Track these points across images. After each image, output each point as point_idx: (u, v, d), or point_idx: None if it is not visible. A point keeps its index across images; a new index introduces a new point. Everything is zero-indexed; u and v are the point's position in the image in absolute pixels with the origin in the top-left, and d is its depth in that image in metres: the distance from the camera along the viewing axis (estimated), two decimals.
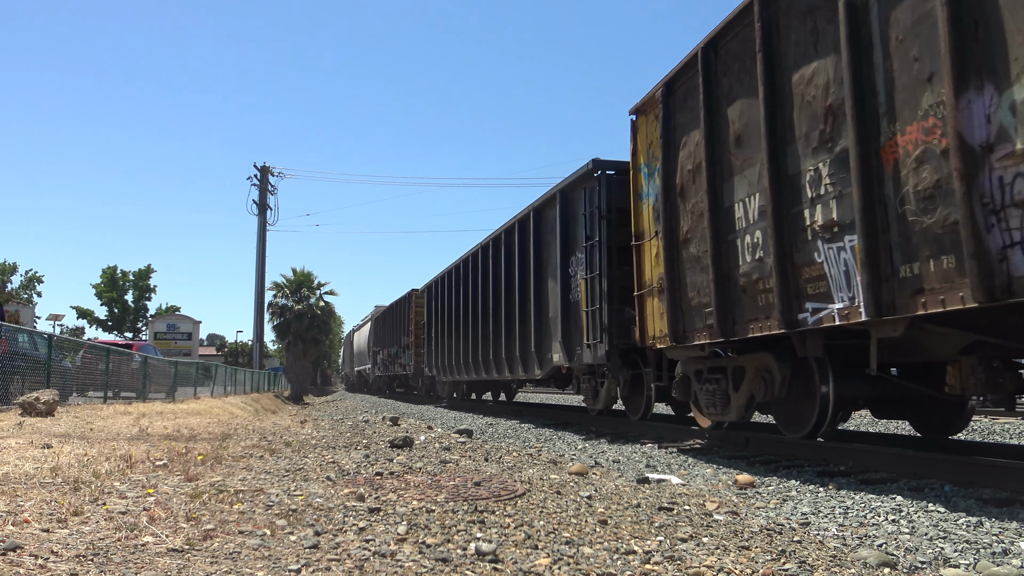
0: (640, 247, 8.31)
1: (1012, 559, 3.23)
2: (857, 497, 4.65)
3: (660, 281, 7.68)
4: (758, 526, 3.80)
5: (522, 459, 6.86)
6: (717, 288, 6.55)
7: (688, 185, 7.17)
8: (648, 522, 3.86)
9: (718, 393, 7.30)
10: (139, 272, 59.53)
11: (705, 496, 4.82)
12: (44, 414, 9.66)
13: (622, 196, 9.08)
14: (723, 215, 6.57)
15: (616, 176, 9.67)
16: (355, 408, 20.83)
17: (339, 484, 4.95)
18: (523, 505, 4.29)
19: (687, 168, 7.19)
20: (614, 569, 2.93)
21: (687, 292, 7.23)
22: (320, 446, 7.78)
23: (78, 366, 15.35)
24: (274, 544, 3.18)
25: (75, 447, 6.34)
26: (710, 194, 6.66)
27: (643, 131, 8.32)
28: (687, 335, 7.28)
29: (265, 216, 35.96)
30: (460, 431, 10.33)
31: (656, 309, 7.89)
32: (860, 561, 3.13)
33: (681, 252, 7.33)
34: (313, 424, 12.59)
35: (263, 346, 39.72)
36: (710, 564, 3.02)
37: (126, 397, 16.32)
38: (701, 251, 6.90)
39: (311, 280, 34.65)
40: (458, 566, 2.93)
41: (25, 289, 53.50)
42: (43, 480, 4.59)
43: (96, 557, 2.87)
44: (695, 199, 7.03)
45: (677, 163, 7.38)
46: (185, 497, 4.19)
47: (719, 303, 6.54)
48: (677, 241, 7.39)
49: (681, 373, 8.07)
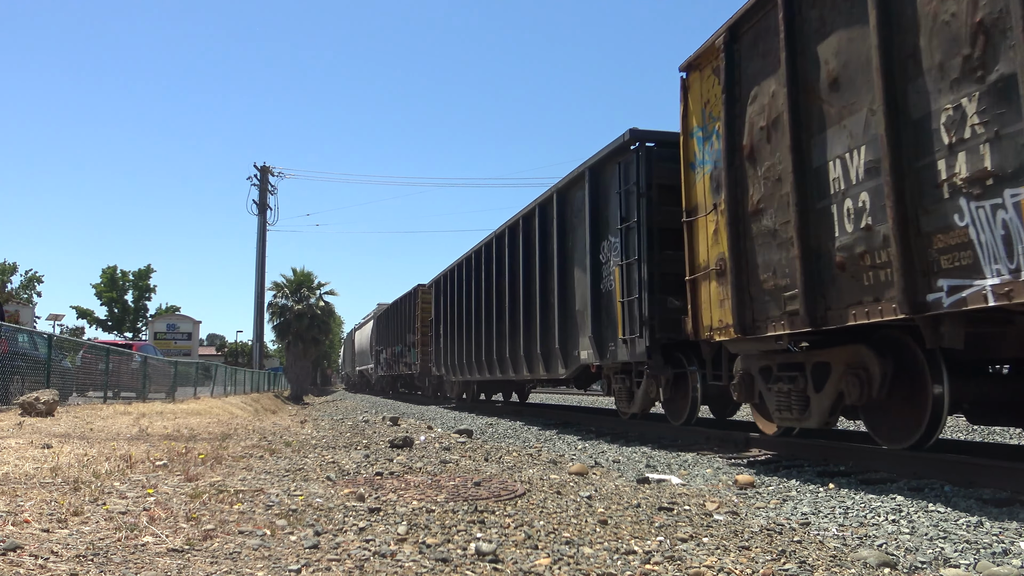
0: (692, 224, 7.26)
1: (1012, 559, 3.23)
2: (857, 497, 4.65)
3: (719, 263, 6.70)
4: (758, 526, 3.80)
5: (522, 459, 6.86)
6: (804, 266, 5.51)
7: (760, 146, 6.14)
8: (648, 522, 3.86)
9: (794, 394, 6.23)
10: (139, 272, 59.55)
11: (705, 496, 4.82)
12: (44, 414, 9.66)
13: (665, 170, 8.22)
14: (812, 177, 5.52)
15: (657, 148, 8.56)
16: (355, 408, 20.83)
17: (339, 484, 4.95)
18: (523, 505, 4.29)
19: (758, 125, 6.14)
20: (614, 569, 2.93)
21: (757, 273, 6.19)
22: (320, 446, 7.78)
23: (78, 366, 15.36)
24: (274, 544, 3.18)
25: (75, 447, 6.34)
26: (794, 152, 5.61)
27: (697, 89, 7.23)
28: (757, 325, 6.22)
29: (265, 216, 35.97)
30: (460, 431, 10.33)
31: (714, 295, 6.87)
32: (860, 561, 3.13)
33: (750, 226, 6.26)
34: (313, 424, 12.59)
35: (263, 346, 39.74)
36: (710, 564, 3.02)
37: (126, 397, 16.32)
38: (778, 223, 5.89)
39: (311, 280, 34.63)
40: (458, 566, 2.93)
41: (25, 289, 53.51)
42: (43, 480, 4.59)
43: (96, 557, 2.87)
44: (770, 161, 5.99)
45: (744, 121, 6.35)
46: (185, 497, 4.19)
47: (807, 285, 5.48)
48: (744, 213, 6.34)
49: (742, 370, 6.93)
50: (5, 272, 52.00)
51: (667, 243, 8.26)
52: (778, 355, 6.50)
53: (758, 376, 6.76)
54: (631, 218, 8.60)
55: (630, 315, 8.62)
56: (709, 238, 6.97)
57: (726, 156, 6.51)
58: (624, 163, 8.84)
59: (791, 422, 6.47)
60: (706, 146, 7.06)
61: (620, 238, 8.83)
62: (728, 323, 6.59)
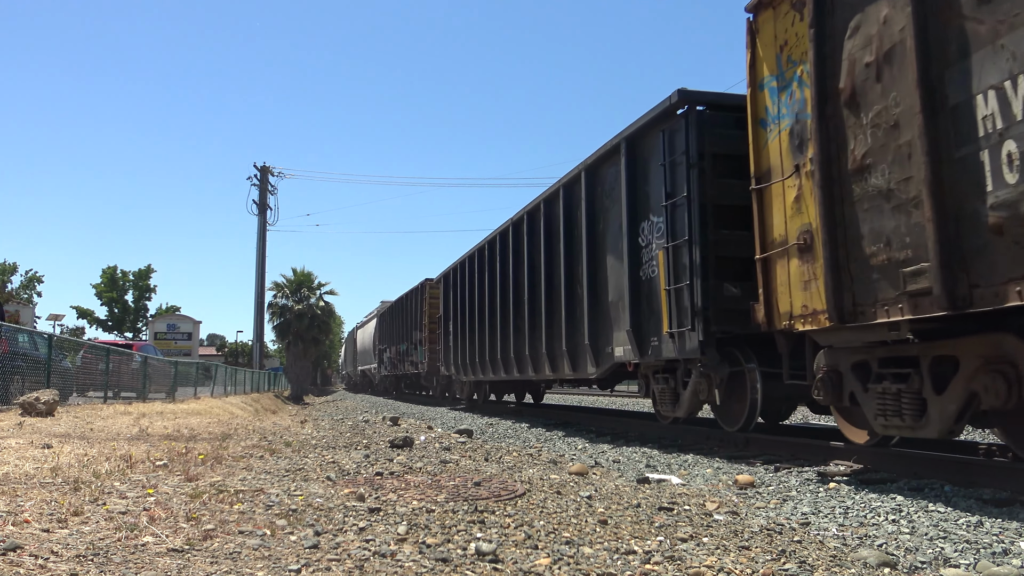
0: (764, 193, 6.19)
1: (1012, 559, 3.23)
2: (857, 497, 4.65)
3: (803, 236, 5.62)
4: (758, 526, 3.80)
5: (522, 459, 6.86)
6: (939, 232, 4.40)
7: (865, 87, 5.04)
8: (648, 522, 3.86)
9: (906, 397, 5.03)
10: (139, 272, 59.56)
11: (705, 496, 4.82)
12: (44, 414, 9.66)
13: (719, 137, 7.29)
14: (948, 118, 4.42)
15: (710, 112, 7.48)
16: (355, 408, 20.83)
17: (339, 484, 4.95)
18: (523, 505, 4.29)
19: (863, 62, 5.05)
20: (614, 569, 2.93)
21: (861, 246, 5.05)
22: (320, 446, 7.78)
23: (78, 366, 15.36)
24: (274, 544, 3.18)
25: (75, 447, 6.34)
26: (922, 88, 4.50)
27: (769, 31, 6.18)
28: (860, 310, 5.08)
29: (265, 216, 36.01)
30: (460, 431, 10.33)
31: (795, 276, 5.77)
32: (860, 561, 3.13)
33: (850, 187, 5.13)
34: (313, 424, 12.59)
35: (263, 346, 39.76)
36: (710, 564, 3.02)
37: (126, 397, 16.33)
38: (895, 180, 4.79)
39: (311, 280, 34.66)
40: (458, 566, 2.93)
41: (25, 289, 53.51)
42: (43, 480, 4.59)
43: (96, 557, 2.87)
44: (881, 105, 4.91)
45: (841, 59, 5.26)
46: (185, 497, 4.20)
47: (943, 256, 4.37)
48: (842, 173, 5.22)
49: (826, 367, 5.73)
50: (5, 272, 52.01)
51: (723, 221, 7.25)
52: (878, 348, 5.30)
53: (849, 374, 5.53)
54: (678, 193, 7.50)
55: (678, 305, 7.55)
56: (788, 207, 5.89)
57: (816, 104, 5.38)
58: (669, 131, 7.73)
59: (900, 431, 5.20)
60: (783, 98, 6.01)
61: (665, 217, 7.72)
62: (817, 309, 5.48)
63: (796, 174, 5.79)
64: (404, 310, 26.94)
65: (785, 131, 5.98)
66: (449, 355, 18.68)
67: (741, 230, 6.94)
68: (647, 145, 8.40)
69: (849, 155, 5.17)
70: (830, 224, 5.26)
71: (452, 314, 18.25)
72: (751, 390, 7.31)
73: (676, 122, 7.63)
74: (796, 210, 5.80)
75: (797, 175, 5.78)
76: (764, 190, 6.24)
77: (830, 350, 5.77)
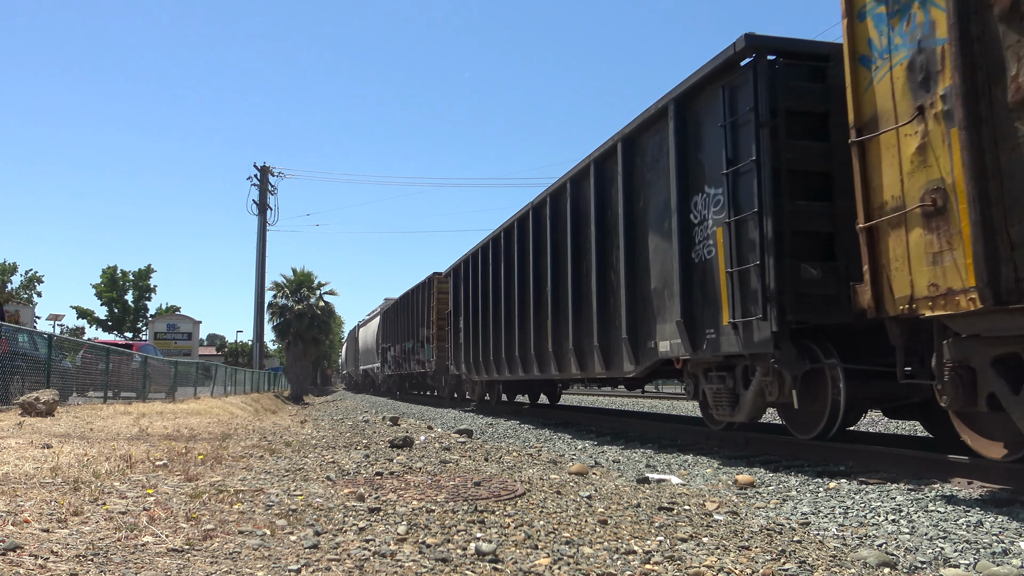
0: (869, 146, 5.12)
1: (1012, 559, 3.23)
2: (857, 497, 4.65)
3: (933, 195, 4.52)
4: (758, 526, 3.80)
5: (522, 459, 6.86)
6: None
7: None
8: (648, 522, 3.86)
9: None
10: (139, 272, 59.57)
11: (705, 496, 4.82)
12: (44, 414, 9.66)
13: (795, 91, 6.31)
14: None
15: (784, 62, 6.40)
16: (355, 408, 20.84)
17: (339, 484, 4.95)
18: (523, 505, 4.29)
19: None
20: (614, 569, 2.93)
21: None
22: (320, 446, 7.78)
23: (78, 366, 15.36)
24: (274, 544, 3.18)
25: (75, 447, 6.34)
26: None
27: None
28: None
29: (265, 216, 36.01)
30: (460, 431, 10.33)
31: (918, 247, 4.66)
32: (860, 561, 3.13)
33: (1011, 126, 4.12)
34: (313, 424, 12.59)
35: (263, 346, 39.75)
36: (710, 564, 3.02)
37: (126, 397, 16.33)
38: None
39: (311, 280, 34.68)
40: (458, 566, 2.93)
41: (25, 289, 53.52)
42: (43, 480, 4.59)
43: (96, 557, 2.87)
44: None
45: None
46: (185, 497, 4.19)
47: None
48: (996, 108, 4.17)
49: (954, 362, 4.63)
50: (5, 272, 52.02)
51: (799, 190, 6.23)
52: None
53: (989, 371, 4.47)
54: (744, 158, 6.46)
55: (743, 290, 6.52)
56: (905, 161, 4.84)
57: (956, 23, 4.31)
58: (732, 86, 6.69)
59: None
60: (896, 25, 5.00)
61: (726, 187, 6.69)
62: (953, 288, 4.40)
63: (919, 118, 4.70)
64: (410, 306, 25.60)
65: (900, 66, 4.91)
66: (460, 353, 17.50)
67: (820, 200, 6.19)
68: (702, 105, 7.27)
69: (1009, 84, 4.11)
70: (978, 176, 4.16)
71: (463, 309, 17.05)
72: (832, 391, 6.24)
73: (741, 75, 6.56)
74: (919, 164, 4.70)
75: (921, 119, 4.68)
76: (868, 143, 5.12)
77: (958, 342, 4.68)
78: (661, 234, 7.99)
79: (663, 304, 7.95)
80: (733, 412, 7.25)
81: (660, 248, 8.03)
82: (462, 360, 17.24)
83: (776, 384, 6.48)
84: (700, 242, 7.26)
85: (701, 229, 7.25)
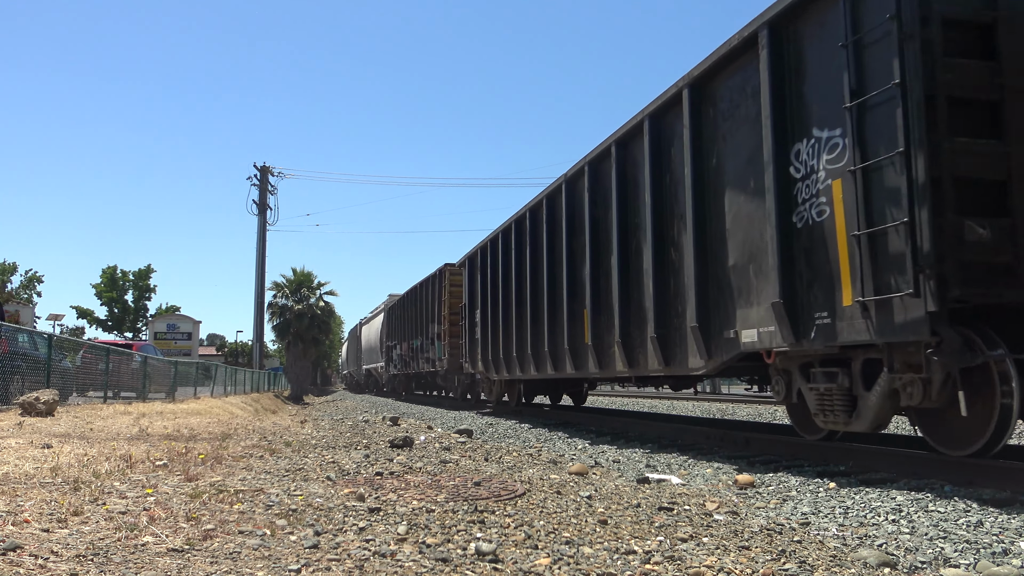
0: None
1: (1012, 559, 3.23)
2: (857, 497, 4.65)
3: None
4: (758, 526, 3.80)
5: (522, 459, 6.86)
6: None
7: None
8: (648, 522, 3.86)
9: None
10: (139, 272, 59.56)
11: (705, 496, 4.82)
12: (44, 414, 9.66)
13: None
14: None
15: None
16: (355, 408, 20.84)
17: (339, 484, 4.95)
18: (523, 505, 4.29)
19: None
20: (614, 569, 2.93)
21: None
22: (320, 446, 7.78)
23: (78, 366, 15.36)
24: (274, 544, 3.18)
25: (75, 447, 6.34)
26: None
27: None
28: None
29: (265, 216, 36.00)
30: (460, 431, 10.33)
31: None
32: (860, 561, 3.13)
33: None
34: (313, 424, 12.59)
35: (263, 346, 39.75)
36: (710, 564, 3.02)
37: (126, 397, 16.33)
38: None
39: (311, 280, 34.70)
40: (458, 566, 2.93)
41: (25, 289, 53.50)
42: (43, 480, 4.59)
43: (96, 557, 2.87)
44: None
45: None
46: (185, 497, 4.19)
47: None
48: None
49: None
50: (5, 272, 52.01)
51: (961, 124, 4.82)
52: None
53: None
54: (878, 85, 5.05)
55: (877, 258, 5.09)
56: None
57: None
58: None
59: None
60: None
61: (847, 127, 5.28)
62: None
63: None
64: (418, 301, 23.84)
65: None
66: (476, 350, 15.90)
67: (988, 138, 4.85)
68: (807, 26, 5.84)
69: None
70: None
71: (480, 302, 15.47)
72: (1000, 392, 4.81)
73: None
74: None
75: None
76: None
77: None
78: (745, 197, 6.50)
79: (747, 284, 6.47)
80: (849, 419, 5.72)
81: (743, 214, 6.54)
82: (478, 357, 15.74)
83: (919, 384, 5.01)
84: (805, 201, 5.81)
85: (807, 185, 5.80)
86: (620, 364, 8.79)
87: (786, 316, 5.86)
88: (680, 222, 7.53)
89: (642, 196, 8.27)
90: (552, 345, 11.07)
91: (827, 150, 5.57)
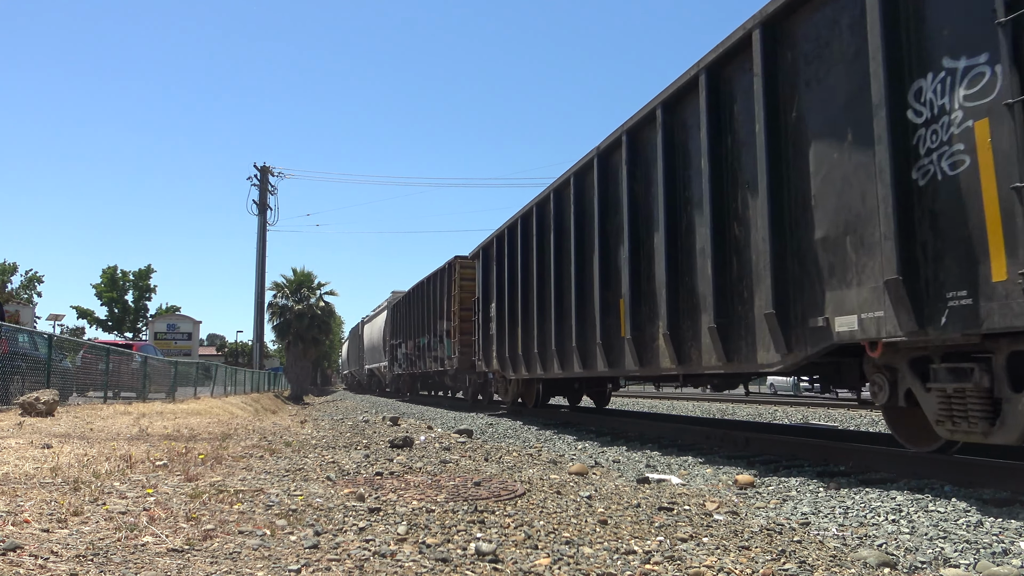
0: None
1: (1012, 559, 3.23)
2: (857, 497, 4.65)
3: None
4: (758, 526, 3.80)
5: (522, 459, 6.86)
6: None
7: None
8: (648, 522, 3.86)
9: None
10: (139, 272, 59.59)
11: (705, 496, 4.82)
12: (44, 414, 9.66)
13: None
14: None
15: None
16: (355, 408, 20.83)
17: (339, 484, 4.95)
18: (523, 505, 4.29)
19: None
20: (614, 569, 2.93)
21: None
22: (320, 446, 7.78)
23: (78, 366, 15.36)
24: (274, 544, 3.18)
25: (75, 447, 6.34)
26: None
27: None
28: None
29: (265, 216, 36.01)
30: (460, 431, 10.33)
31: None
32: (860, 561, 3.13)
33: None
34: (313, 424, 12.59)
35: (263, 346, 39.76)
36: (710, 564, 3.02)
37: (126, 397, 16.33)
38: None
39: (311, 280, 34.71)
40: (458, 566, 2.93)
41: (25, 289, 53.51)
42: (43, 480, 4.59)
43: (96, 557, 2.87)
44: None
45: None
46: (185, 497, 4.19)
47: None
48: None
49: None
50: (5, 272, 52.02)
51: None
52: None
53: None
54: None
55: None
56: None
57: None
58: None
59: None
60: None
61: (1002, 48, 4.14)
62: None
63: None
64: (425, 297, 22.53)
65: None
66: (490, 347, 14.74)
67: None
68: None
69: None
70: None
71: (496, 295, 14.26)
72: None
73: None
74: None
75: None
76: None
77: None
78: (839, 154, 5.38)
79: (842, 260, 5.34)
80: (990, 428, 4.51)
81: (836, 175, 5.42)
82: (493, 355, 14.49)
83: None
84: (932, 151, 4.64)
85: (933, 131, 4.65)
86: (667, 360, 7.65)
87: (907, 297, 4.67)
88: (746, 191, 6.42)
89: (696, 164, 7.16)
90: (580, 339, 9.94)
91: (965, 84, 4.43)
